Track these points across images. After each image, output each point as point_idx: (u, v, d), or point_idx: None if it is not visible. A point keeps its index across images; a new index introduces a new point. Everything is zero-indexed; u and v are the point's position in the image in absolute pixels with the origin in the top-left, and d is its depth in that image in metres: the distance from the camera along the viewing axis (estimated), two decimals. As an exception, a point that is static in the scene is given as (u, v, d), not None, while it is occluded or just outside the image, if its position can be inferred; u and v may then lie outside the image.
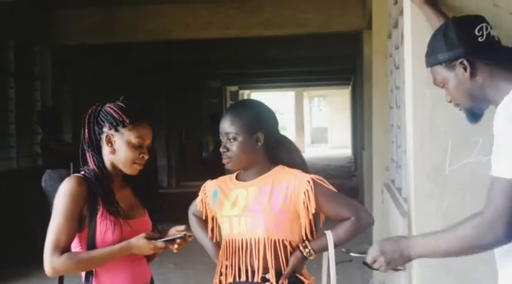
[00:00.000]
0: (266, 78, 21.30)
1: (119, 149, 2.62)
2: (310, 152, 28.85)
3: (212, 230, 2.81)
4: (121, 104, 2.67)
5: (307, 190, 2.60)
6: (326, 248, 2.66)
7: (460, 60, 2.16)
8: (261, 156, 2.69)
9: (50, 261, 2.47)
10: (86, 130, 2.64)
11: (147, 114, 2.73)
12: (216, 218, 2.78)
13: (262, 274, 2.59)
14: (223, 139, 2.69)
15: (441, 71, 2.23)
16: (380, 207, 6.46)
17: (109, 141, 2.62)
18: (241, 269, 2.62)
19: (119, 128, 2.61)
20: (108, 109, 2.64)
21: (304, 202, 2.60)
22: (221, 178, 2.82)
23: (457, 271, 2.84)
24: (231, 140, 2.66)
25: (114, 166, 2.64)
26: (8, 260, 7.85)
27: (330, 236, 2.64)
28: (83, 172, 2.61)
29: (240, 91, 26.36)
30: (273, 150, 2.73)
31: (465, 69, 2.16)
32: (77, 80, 11.29)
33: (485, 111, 2.21)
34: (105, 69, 12.14)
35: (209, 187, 2.82)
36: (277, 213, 2.60)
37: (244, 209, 2.65)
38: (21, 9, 8.86)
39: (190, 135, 17.67)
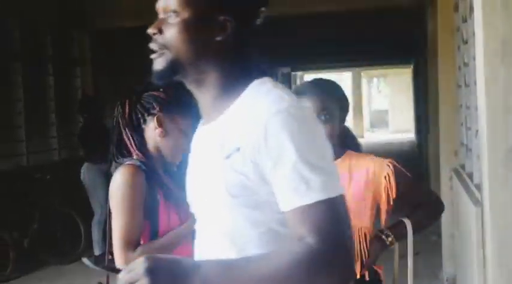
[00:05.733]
0: (321, 58, 21.18)
1: (168, 132, 2.64)
2: (369, 137, 28.65)
3: None
4: (170, 90, 2.68)
5: (388, 174, 2.62)
6: (405, 237, 2.67)
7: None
8: (336, 140, 2.65)
9: (126, 259, 2.47)
10: (127, 111, 2.65)
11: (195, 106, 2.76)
12: None
13: None
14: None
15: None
16: (449, 195, 6.37)
17: (160, 123, 2.63)
18: None
19: (171, 112, 2.63)
20: (158, 93, 2.66)
21: (385, 187, 2.60)
22: None
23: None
24: (327, 118, 2.59)
25: (158, 151, 2.66)
26: (51, 256, 8.03)
27: (409, 225, 2.65)
28: (128, 162, 2.60)
29: (293, 73, 26.30)
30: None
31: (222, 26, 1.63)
32: (119, 67, 11.40)
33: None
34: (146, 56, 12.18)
35: None
36: (359, 199, 2.61)
37: None
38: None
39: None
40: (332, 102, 2.63)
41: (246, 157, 1.53)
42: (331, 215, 1.48)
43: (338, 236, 1.48)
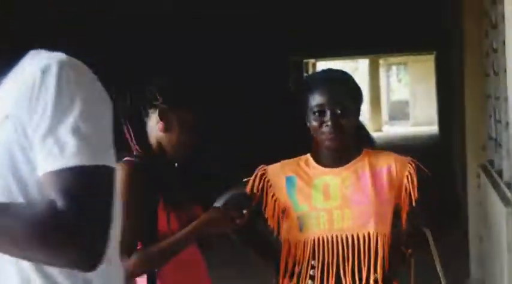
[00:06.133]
0: (334, 44, 21.17)
1: (172, 126, 2.64)
2: (388, 131, 28.60)
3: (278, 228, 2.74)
4: (175, 79, 2.71)
5: (410, 173, 2.64)
6: (423, 249, 2.66)
7: None
8: (351, 137, 2.68)
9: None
10: (128, 102, 2.66)
11: (204, 94, 2.77)
12: (284, 214, 2.71)
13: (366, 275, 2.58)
14: (329, 111, 2.60)
15: None
16: (476, 194, 6.38)
17: (162, 116, 2.62)
18: (346, 271, 2.59)
19: (175, 103, 2.63)
20: (161, 82, 2.67)
21: (406, 188, 2.62)
22: (290, 163, 2.76)
23: None
24: (343, 112, 2.61)
25: (160, 146, 2.66)
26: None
27: (429, 235, 2.65)
28: (126, 158, 2.61)
29: (304, 61, 26.28)
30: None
31: None
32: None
33: None
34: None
35: (274, 174, 2.74)
36: (383, 201, 2.63)
37: (344, 199, 2.63)
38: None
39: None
40: (347, 95, 2.64)
41: (17, 124, 1.48)
42: (85, 183, 1.44)
43: (87, 207, 1.42)
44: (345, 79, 2.70)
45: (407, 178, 2.63)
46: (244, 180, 2.80)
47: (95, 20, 10.52)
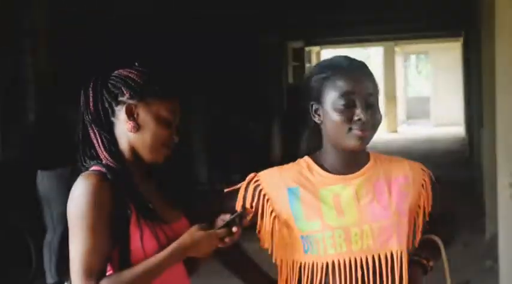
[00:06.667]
0: (343, 29, 21.17)
1: (144, 125, 2.61)
2: (405, 131, 28.61)
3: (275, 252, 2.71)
4: (143, 69, 2.67)
5: (425, 182, 2.70)
6: (436, 258, 2.73)
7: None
8: None
9: None
10: (91, 101, 2.62)
11: (180, 83, 2.74)
12: (287, 234, 2.66)
13: None
14: (359, 102, 2.56)
15: None
16: (507, 206, 6.39)
17: (131, 113, 2.60)
18: None
19: (146, 97, 2.60)
20: (127, 73, 2.64)
21: (422, 198, 2.69)
22: (289, 169, 2.69)
23: None
24: (374, 106, 2.60)
25: (133, 151, 2.63)
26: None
27: (441, 245, 2.72)
28: (94, 168, 2.58)
29: (307, 48, 26.25)
30: None
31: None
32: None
33: None
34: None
35: (272, 185, 2.67)
36: (402, 214, 2.64)
37: (361, 214, 2.60)
38: None
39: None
40: (375, 86, 2.64)
41: None
42: None
43: None
44: (367, 67, 2.66)
45: (423, 187, 2.70)
46: (226, 190, 2.75)
47: (95, 20, 11.11)
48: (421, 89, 36.02)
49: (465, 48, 20.73)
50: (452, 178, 12.72)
